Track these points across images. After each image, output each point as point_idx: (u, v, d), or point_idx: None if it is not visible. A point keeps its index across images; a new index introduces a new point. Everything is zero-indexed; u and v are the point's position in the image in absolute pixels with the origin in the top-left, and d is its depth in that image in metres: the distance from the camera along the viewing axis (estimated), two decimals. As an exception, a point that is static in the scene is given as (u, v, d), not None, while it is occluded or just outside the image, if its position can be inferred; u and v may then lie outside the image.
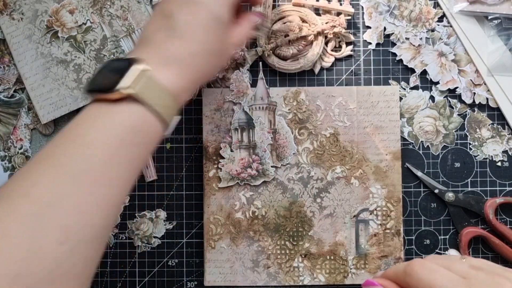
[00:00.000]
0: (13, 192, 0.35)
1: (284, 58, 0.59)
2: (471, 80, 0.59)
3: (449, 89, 0.59)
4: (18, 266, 0.32)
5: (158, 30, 0.43)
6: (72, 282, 0.35)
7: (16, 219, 0.34)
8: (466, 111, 0.60)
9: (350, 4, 0.59)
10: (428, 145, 0.59)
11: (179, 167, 0.60)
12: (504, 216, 0.59)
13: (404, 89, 0.60)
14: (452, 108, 0.60)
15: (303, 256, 0.58)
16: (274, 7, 0.60)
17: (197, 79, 0.45)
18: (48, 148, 0.38)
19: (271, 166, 0.58)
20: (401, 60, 0.60)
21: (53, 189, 0.35)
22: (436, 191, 0.58)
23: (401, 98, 0.59)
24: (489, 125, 0.59)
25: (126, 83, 0.38)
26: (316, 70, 0.60)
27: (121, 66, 0.39)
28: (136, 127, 0.40)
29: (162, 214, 0.60)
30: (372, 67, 0.60)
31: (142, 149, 0.41)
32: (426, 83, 0.60)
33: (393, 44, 0.60)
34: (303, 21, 0.59)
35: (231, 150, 0.58)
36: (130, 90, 0.38)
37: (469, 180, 0.59)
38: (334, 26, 0.58)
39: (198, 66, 0.44)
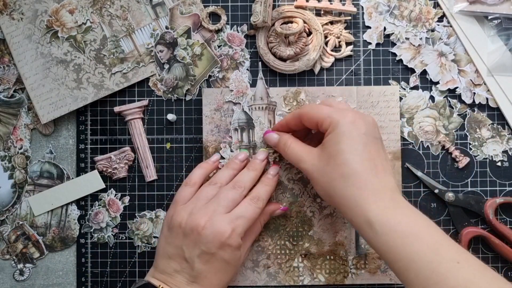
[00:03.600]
0: None
1: (281, 58, 0.59)
2: (471, 80, 0.59)
3: (449, 89, 0.59)
4: None
5: (179, 271, 0.50)
6: None
7: None
8: (466, 111, 0.60)
9: (351, 4, 0.59)
10: (428, 145, 0.59)
11: (179, 167, 0.60)
12: (504, 216, 0.59)
13: (404, 89, 0.60)
14: (452, 108, 0.60)
15: (303, 256, 0.58)
16: (274, 6, 0.60)
17: None
18: None
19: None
20: (401, 60, 0.60)
21: None
22: (436, 191, 0.58)
23: (401, 98, 0.59)
24: (489, 125, 0.59)
25: None
26: (316, 70, 0.60)
27: None
28: None
29: (162, 214, 0.60)
30: (372, 67, 0.60)
31: None
32: (426, 83, 0.60)
33: (393, 44, 0.60)
34: (305, 23, 0.59)
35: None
36: None
37: (469, 180, 0.59)
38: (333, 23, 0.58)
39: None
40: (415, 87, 0.60)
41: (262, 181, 0.55)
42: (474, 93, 0.59)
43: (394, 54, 0.60)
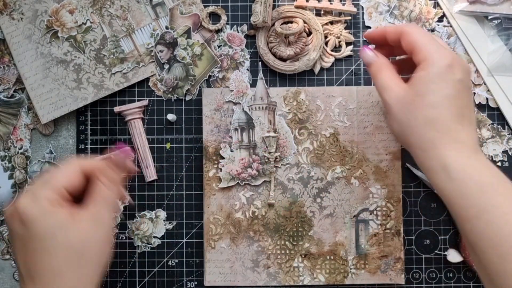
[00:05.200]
0: None
1: (281, 58, 0.59)
2: (471, 80, 0.59)
3: (449, 89, 0.59)
4: None
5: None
6: None
7: None
8: (466, 111, 0.59)
9: (351, 4, 0.59)
10: (428, 145, 0.59)
11: (179, 167, 0.60)
12: (504, 216, 0.59)
13: (404, 89, 0.60)
14: (452, 108, 0.59)
15: (303, 256, 0.58)
16: (274, 7, 0.60)
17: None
18: None
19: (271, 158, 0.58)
20: (401, 60, 0.60)
21: None
22: (436, 191, 0.58)
23: (401, 98, 0.59)
24: (489, 125, 0.59)
25: None
26: (316, 70, 0.60)
27: None
28: None
29: (162, 214, 0.60)
30: (372, 67, 0.60)
31: None
32: (426, 83, 0.60)
33: (393, 44, 0.60)
34: (305, 23, 0.59)
35: (231, 150, 0.58)
36: None
37: (469, 180, 0.59)
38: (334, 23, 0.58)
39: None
40: (415, 87, 0.60)
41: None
42: (474, 93, 0.59)
43: (394, 54, 0.60)
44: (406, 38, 0.47)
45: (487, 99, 0.59)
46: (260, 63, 0.60)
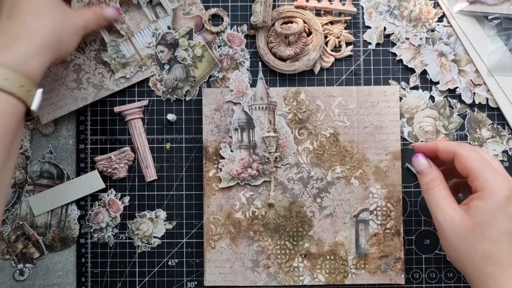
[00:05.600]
0: None
1: (281, 58, 0.59)
2: (471, 80, 0.59)
3: (449, 89, 0.59)
4: None
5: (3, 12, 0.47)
6: None
7: None
8: (466, 111, 0.59)
9: (351, 4, 0.59)
10: (428, 145, 0.59)
11: (179, 167, 0.60)
12: (504, 216, 0.59)
13: (404, 89, 0.60)
14: (452, 108, 0.60)
15: (303, 256, 0.58)
16: (274, 7, 0.60)
17: (44, 44, 0.46)
18: None
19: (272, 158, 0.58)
20: (401, 60, 0.60)
21: None
22: None
23: (401, 98, 0.59)
24: (489, 125, 0.59)
25: None
26: (316, 70, 0.60)
27: None
28: None
29: (162, 214, 0.60)
30: (372, 67, 0.60)
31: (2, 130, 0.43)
32: (426, 83, 0.60)
33: (393, 44, 0.60)
34: (305, 23, 0.59)
35: (231, 150, 0.58)
36: None
37: (469, 180, 0.59)
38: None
39: (39, 31, 0.45)
40: (415, 87, 0.60)
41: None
42: (474, 93, 0.59)
43: (394, 54, 0.60)
44: (461, 162, 0.46)
45: (487, 99, 0.59)
46: (260, 63, 0.60)
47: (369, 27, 0.60)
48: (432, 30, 0.59)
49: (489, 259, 0.44)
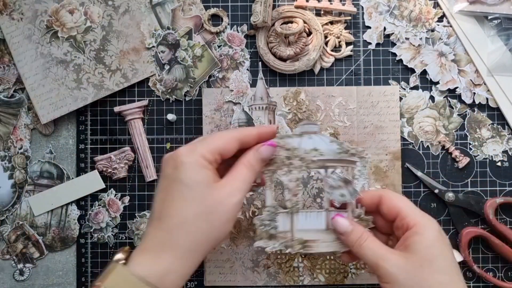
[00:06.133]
0: None
1: (281, 58, 0.59)
2: (471, 80, 0.59)
3: (449, 89, 0.59)
4: None
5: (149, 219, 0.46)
6: None
7: None
8: (466, 111, 0.60)
9: (351, 4, 0.59)
10: (428, 145, 0.59)
11: (179, 167, 0.60)
12: (504, 216, 0.59)
13: (404, 89, 0.60)
14: (452, 108, 0.60)
15: (303, 256, 0.58)
16: (274, 7, 0.60)
17: (187, 253, 0.43)
18: None
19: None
20: (401, 60, 0.60)
21: None
22: (436, 191, 0.58)
23: (401, 98, 0.59)
24: (489, 125, 0.59)
25: (103, 278, 0.41)
26: (316, 70, 0.60)
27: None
28: None
29: (162, 214, 0.60)
30: (372, 67, 0.60)
31: None
32: (426, 83, 0.60)
33: (393, 44, 0.60)
34: (305, 23, 0.59)
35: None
36: (104, 285, 0.41)
37: (469, 180, 0.59)
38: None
39: (180, 241, 0.43)
40: (415, 87, 0.60)
41: None
42: (474, 93, 0.59)
43: (394, 54, 0.60)
44: (389, 203, 0.47)
45: (487, 99, 0.59)
46: (260, 63, 0.60)
47: (369, 27, 0.60)
48: (432, 30, 0.59)
49: None
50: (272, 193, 0.50)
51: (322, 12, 0.60)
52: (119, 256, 0.42)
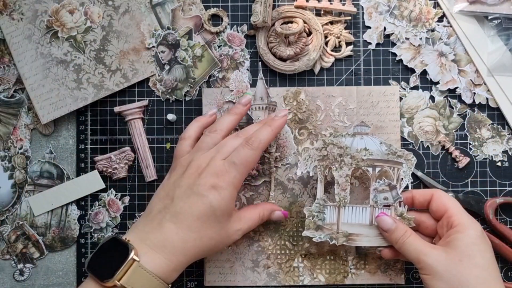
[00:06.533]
0: None
1: (281, 58, 0.59)
2: (471, 80, 0.59)
3: (449, 89, 0.59)
4: None
5: (160, 210, 0.49)
6: None
7: None
8: (466, 111, 0.60)
9: (351, 4, 0.59)
10: (428, 145, 0.59)
11: (179, 167, 0.60)
12: (504, 216, 0.59)
13: (404, 89, 0.60)
14: (452, 108, 0.60)
15: (303, 256, 0.58)
16: (274, 7, 0.60)
17: (188, 261, 0.49)
18: None
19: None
20: (401, 60, 0.60)
21: None
22: (436, 191, 0.58)
23: (401, 98, 0.59)
24: (489, 125, 0.59)
25: (118, 275, 0.45)
26: (316, 70, 0.60)
27: (117, 256, 0.46)
28: None
29: (162, 214, 0.60)
30: (372, 67, 0.60)
31: None
32: (426, 83, 0.60)
33: (393, 44, 0.60)
34: (305, 23, 0.59)
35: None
36: (121, 282, 0.45)
37: (469, 180, 0.59)
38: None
39: (188, 251, 0.48)
40: (415, 87, 0.60)
41: (265, 122, 0.53)
42: (474, 93, 0.59)
43: (394, 54, 0.60)
44: (439, 201, 0.52)
45: (487, 99, 0.59)
46: (260, 63, 0.60)
47: (369, 27, 0.60)
48: (432, 30, 0.59)
49: (481, 285, 0.46)
50: (322, 187, 0.55)
51: (322, 12, 0.60)
52: (135, 257, 0.45)
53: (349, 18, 0.60)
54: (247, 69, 0.60)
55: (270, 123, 0.52)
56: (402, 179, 0.54)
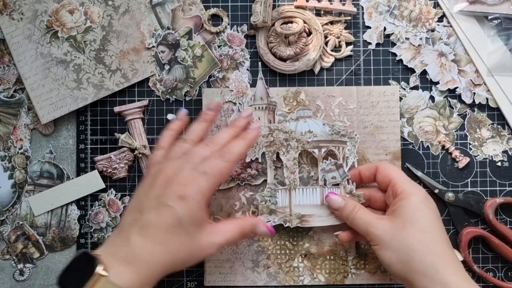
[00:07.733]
0: None
1: (281, 58, 0.59)
2: (471, 80, 0.59)
3: (449, 89, 0.59)
4: None
5: (130, 223, 0.47)
6: None
7: None
8: (466, 111, 0.60)
9: (351, 4, 0.59)
10: (428, 145, 0.59)
11: (179, 167, 0.60)
12: (504, 216, 0.59)
13: (404, 89, 0.60)
14: (452, 108, 0.60)
15: (303, 256, 0.58)
16: (274, 7, 0.60)
17: (158, 274, 0.46)
18: None
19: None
20: (401, 60, 0.60)
21: None
22: (436, 191, 0.58)
23: (401, 98, 0.59)
24: (489, 125, 0.59)
25: None
26: (316, 70, 0.60)
27: (86, 271, 0.43)
28: None
29: (162, 214, 0.60)
30: (372, 67, 0.60)
31: None
32: (426, 83, 0.60)
33: (393, 44, 0.60)
34: (305, 23, 0.59)
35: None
36: None
37: (469, 180, 0.59)
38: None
39: (157, 264, 0.46)
40: (415, 87, 0.60)
41: (239, 135, 0.52)
42: (474, 93, 0.59)
43: (394, 54, 0.60)
44: (383, 172, 0.53)
45: (487, 99, 0.59)
46: (260, 63, 0.60)
47: (369, 27, 0.60)
48: (432, 30, 0.59)
49: (427, 249, 0.47)
50: (272, 172, 0.57)
51: (322, 12, 0.60)
52: (103, 272, 0.43)
53: (349, 18, 0.60)
54: (247, 69, 0.60)
55: (243, 136, 0.52)
56: (347, 157, 0.56)
